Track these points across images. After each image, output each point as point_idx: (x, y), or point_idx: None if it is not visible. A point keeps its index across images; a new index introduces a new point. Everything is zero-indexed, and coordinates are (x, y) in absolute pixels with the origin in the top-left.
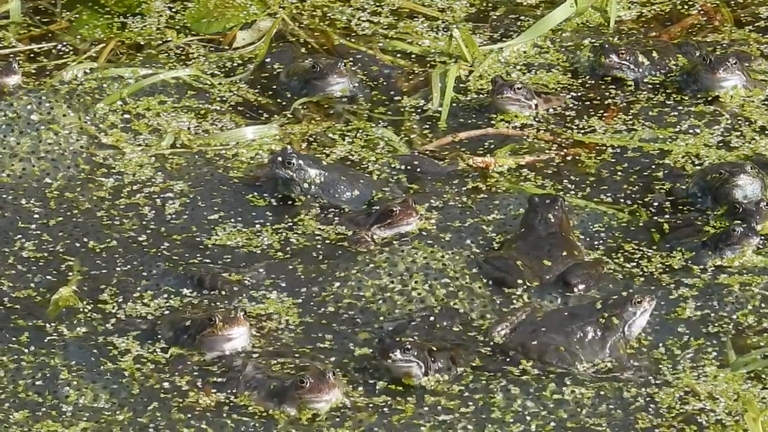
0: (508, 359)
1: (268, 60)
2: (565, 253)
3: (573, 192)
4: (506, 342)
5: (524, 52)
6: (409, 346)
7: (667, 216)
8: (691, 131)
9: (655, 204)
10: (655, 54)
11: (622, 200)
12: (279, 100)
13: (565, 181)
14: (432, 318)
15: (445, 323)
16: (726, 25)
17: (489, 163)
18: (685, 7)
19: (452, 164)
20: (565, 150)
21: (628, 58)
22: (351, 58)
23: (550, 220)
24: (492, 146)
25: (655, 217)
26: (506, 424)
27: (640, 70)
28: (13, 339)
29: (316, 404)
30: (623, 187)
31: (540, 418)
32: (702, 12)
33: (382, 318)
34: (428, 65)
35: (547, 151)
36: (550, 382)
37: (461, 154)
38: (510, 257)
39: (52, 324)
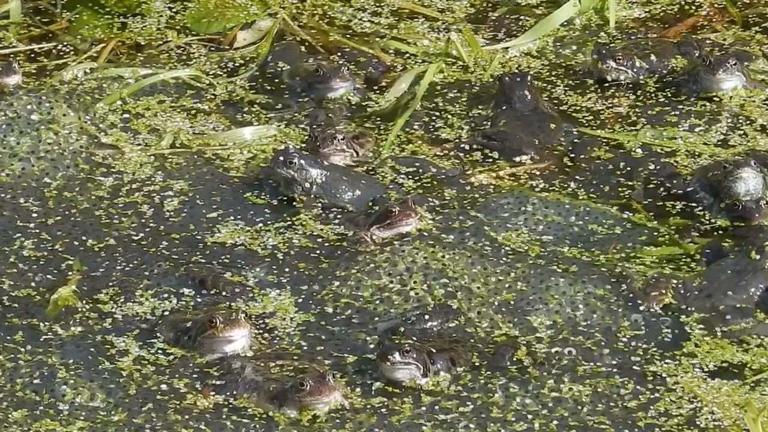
0: (507, 357)
1: (268, 60)
2: (553, 126)
3: (574, 191)
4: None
5: (526, 53)
6: (408, 349)
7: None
8: (690, 131)
9: (635, 200)
10: (653, 56)
11: (615, 198)
12: (280, 101)
13: (568, 180)
14: (428, 317)
15: (443, 322)
16: (732, 27)
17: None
18: (692, 6)
19: (453, 165)
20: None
21: (625, 63)
22: (347, 56)
23: (526, 97)
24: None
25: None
26: (508, 422)
27: (638, 74)
28: (10, 338)
29: (316, 407)
30: (616, 187)
31: (541, 416)
32: (709, 13)
33: (378, 318)
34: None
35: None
36: (549, 379)
37: (469, 165)
38: (508, 131)
39: (50, 323)
